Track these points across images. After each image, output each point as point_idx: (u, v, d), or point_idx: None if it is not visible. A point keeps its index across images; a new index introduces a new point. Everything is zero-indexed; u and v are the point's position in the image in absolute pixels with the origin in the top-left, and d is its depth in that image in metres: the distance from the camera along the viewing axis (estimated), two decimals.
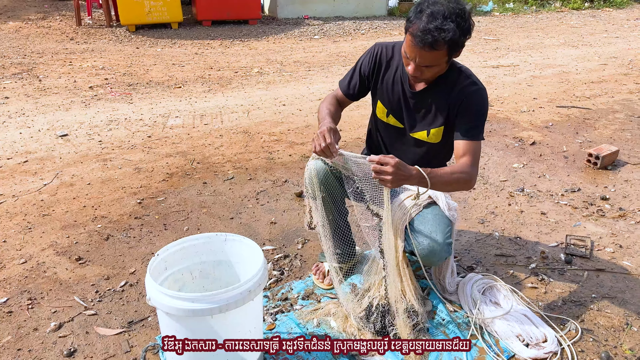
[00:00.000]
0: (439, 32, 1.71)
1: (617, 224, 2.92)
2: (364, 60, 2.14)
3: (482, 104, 1.98)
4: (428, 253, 1.96)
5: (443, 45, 1.75)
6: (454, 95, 1.97)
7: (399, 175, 1.72)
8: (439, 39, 1.72)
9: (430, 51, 1.76)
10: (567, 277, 2.43)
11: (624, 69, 6.89)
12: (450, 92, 1.98)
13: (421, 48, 1.76)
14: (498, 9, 13.05)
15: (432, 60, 1.81)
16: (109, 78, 6.22)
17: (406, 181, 1.77)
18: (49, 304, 2.22)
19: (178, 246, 1.85)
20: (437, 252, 1.96)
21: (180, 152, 3.94)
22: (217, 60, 7.41)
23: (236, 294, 1.57)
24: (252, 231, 2.84)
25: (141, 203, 3.13)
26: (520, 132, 4.42)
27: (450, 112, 2.00)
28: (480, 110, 1.97)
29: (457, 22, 1.74)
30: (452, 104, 1.98)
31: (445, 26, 1.71)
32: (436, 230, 1.96)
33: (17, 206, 3.07)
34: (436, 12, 1.73)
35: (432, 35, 1.72)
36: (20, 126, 4.45)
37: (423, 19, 1.74)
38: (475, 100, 1.96)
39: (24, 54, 7.29)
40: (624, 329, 2.08)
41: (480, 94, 1.97)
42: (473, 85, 1.97)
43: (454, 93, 1.97)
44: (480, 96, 1.97)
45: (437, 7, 1.74)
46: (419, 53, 1.79)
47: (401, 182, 1.76)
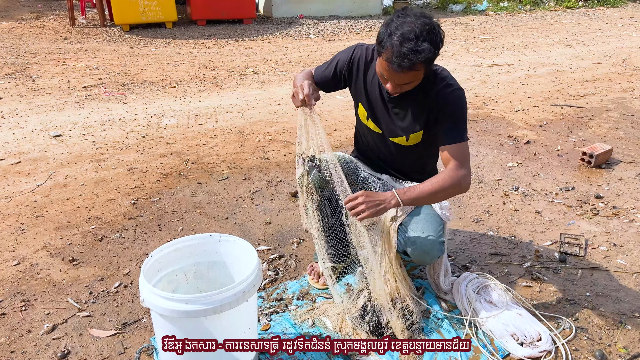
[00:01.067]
0: (414, 54, 1.66)
1: (611, 223, 2.93)
2: (342, 58, 2.09)
3: (460, 105, 1.94)
4: (420, 252, 1.97)
5: (421, 66, 1.72)
6: (431, 99, 1.94)
7: (371, 204, 1.81)
8: (416, 62, 1.68)
9: (409, 72, 1.73)
10: (561, 276, 2.44)
11: (618, 67, 6.92)
12: (428, 95, 1.94)
13: (399, 72, 1.72)
14: (492, 7, 13.07)
15: (411, 79, 1.78)
16: (103, 78, 6.20)
17: (383, 206, 1.84)
18: (42, 306, 2.20)
19: (172, 247, 1.85)
20: (430, 251, 1.96)
21: (174, 152, 3.93)
22: (211, 59, 7.39)
23: (230, 295, 1.56)
24: (247, 231, 2.83)
25: (135, 204, 3.11)
26: (515, 131, 4.43)
27: (429, 116, 1.97)
28: (458, 112, 1.94)
29: (430, 38, 1.69)
30: (429, 108, 1.96)
31: (419, 47, 1.66)
32: (428, 229, 1.96)
33: (10, 207, 3.06)
34: (407, 33, 1.67)
35: (408, 59, 1.67)
36: (14, 127, 4.42)
37: (395, 42, 1.68)
38: (452, 102, 1.92)
39: (17, 54, 7.25)
40: (618, 327, 2.09)
41: (456, 95, 1.93)
42: (448, 88, 1.93)
43: (431, 97, 1.93)
44: (456, 97, 1.93)
45: (407, 27, 1.68)
46: (396, 76, 1.75)
47: (378, 209, 1.83)
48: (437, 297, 2.24)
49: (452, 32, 9.92)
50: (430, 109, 1.95)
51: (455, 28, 10.37)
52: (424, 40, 1.67)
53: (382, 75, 1.82)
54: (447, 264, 2.27)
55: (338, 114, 4.77)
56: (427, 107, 1.96)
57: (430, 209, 2.05)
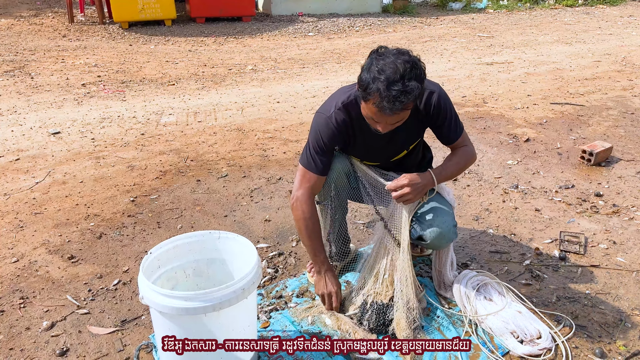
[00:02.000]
0: (405, 95, 1.63)
1: (611, 220, 2.93)
2: (325, 138, 1.96)
3: (447, 104, 1.96)
4: (437, 235, 2.02)
5: (412, 104, 1.70)
6: (421, 110, 1.95)
7: (417, 189, 1.91)
8: (407, 102, 1.65)
9: (401, 113, 1.70)
10: (561, 274, 2.44)
11: (618, 65, 6.91)
12: (416, 110, 1.93)
13: (392, 115, 1.68)
14: (492, 5, 13.06)
15: (402, 117, 1.76)
16: (102, 75, 6.18)
17: (426, 187, 1.95)
18: (41, 303, 2.20)
19: (171, 244, 1.84)
20: (445, 235, 2.02)
21: (173, 149, 3.92)
22: (210, 57, 7.38)
23: (230, 292, 1.56)
24: (246, 229, 2.83)
25: (134, 201, 3.11)
26: (515, 129, 4.43)
27: (423, 125, 2.02)
28: (448, 111, 1.97)
29: (416, 76, 1.66)
30: (419, 120, 1.98)
31: (408, 87, 1.63)
32: (443, 213, 2.03)
33: (8, 204, 3.05)
34: (392, 75, 1.62)
35: (399, 101, 1.63)
36: (12, 124, 4.41)
37: (381, 86, 1.63)
38: (442, 106, 1.95)
39: (15, 52, 7.23)
40: (618, 325, 2.09)
41: (440, 97, 1.94)
42: (432, 95, 1.92)
43: (420, 109, 1.94)
44: (439, 98, 1.93)
45: (389, 69, 1.63)
46: (388, 118, 1.72)
47: (422, 192, 1.95)
48: (437, 295, 2.23)
49: (451, 30, 9.91)
50: (420, 120, 1.98)
51: (455, 26, 10.36)
52: (410, 79, 1.64)
53: (372, 118, 1.77)
54: (453, 256, 2.28)
55: None
56: (417, 120, 1.97)
57: (438, 195, 2.09)
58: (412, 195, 1.90)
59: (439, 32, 9.63)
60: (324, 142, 1.97)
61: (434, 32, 9.72)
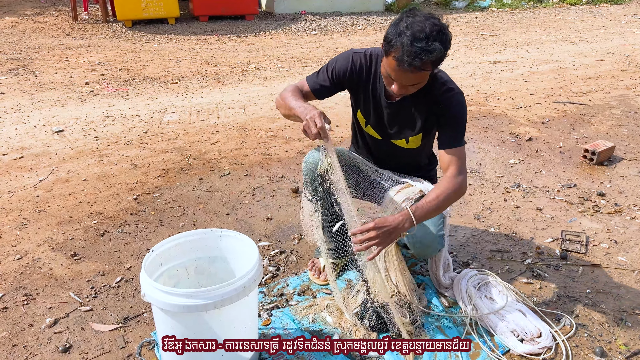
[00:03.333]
0: (425, 53, 1.64)
1: (613, 220, 2.93)
2: (339, 65, 2.01)
3: (461, 110, 1.94)
4: (420, 245, 1.98)
5: (430, 66, 1.71)
6: (431, 103, 1.93)
7: (385, 234, 1.74)
8: (427, 61, 1.66)
9: (418, 72, 1.71)
10: (562, 273, 2.44)
11: (621, 64, 6.89)
12: (427, 99, 1.93)
13: (408, 71, 1.70)
14: (495, 4, 13.03)
15: (419, 79, 1.77)
16: (105, 74, 6.20)
17: (394, 234, 1.77)
18: (44, 300, 2.21)
19: (173, 242, 1.85)
20: (430, 244, 1.98)
21: (176, 148, 3.93)
22: (213, 55, 7.39)
23: (231, 289, 1.57)
24: (248, 227, 2.84)
25: (137, 199, 3.12)
26: (517, 128, 4.42)
27: (428, 119, 1.98)
28: (460, 117, 1.94)
29: (441, 39, 1.67)
30: (429, 112, 1.95)
31: (430, 47, 1.64)
32: (428, 223, 1.97)
33: (12, 202, 3.07)
34: (418, 33, 1.65)
35: (419, 58, 1.64)
36: (16, 122, 4.43)
37: (405, 41, 1.65)
38: (454, 107, 1.92)
39: (19, 50, 7.25)
40: (619, 324, 2.09)
41: (458, 99, 1.92)
42: (449, 92, 1.92)
43: (431, 100, 1.93)
44: (458, 102, 1.92)
45: (417, 27, 1.66)
46: (405, 75, 1.73)
47: (392, 236, 1.77)
48: (438, 293, 2.24)
49: (454, 28, 9.89)
50: (429, 112, 1.95)
51: (458, 25, 10.34)
52: (434, 40, 1.65)
53: (389, 75, 1.78)
54: (448, 259, 2.28)
55: (340, 110, 4.77)
56: (427, 110, 1.95)
57: None
58: (380, 240, 1.74)
59: None
60: (336, 66, 2.00)
61: None
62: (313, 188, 2.10)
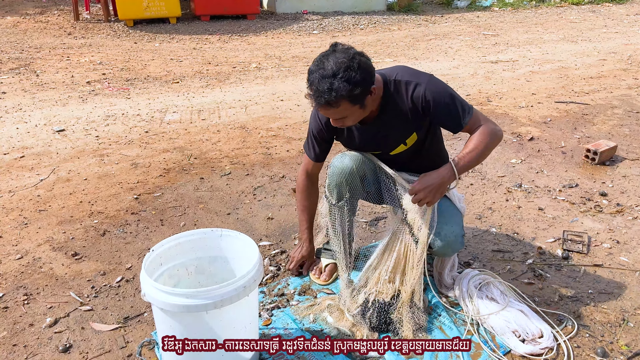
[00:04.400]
0: (329, 92, 1.70)
1: (615, 220, 2.92)
2: (314, 128, 2.13)
3: (439, 94, 1.89)
4: (444, 244, 2.00)
5: (340, 102, 1.73)
6: (407, 107, 1.93)
7: (432, 190, 1.86)
8: (332, 99, 1.71)
9: (333, 108, 1.76)
10: (564, 273, 2.43)
11: (623, 64, 6.87)
12: (402, 105, 1.93)
13: (323, 108, 1.77)
14: (497, 3, 13.00)
15: (340, 114, 1.80)
16: (107, 73, 6.20)
17: (442, 188, 1.88)
18: (44, 300, 2.21)
19: (173, 242, 1.85)
20: (453, 244, 2.01)
21: (177, 147, 3.93)
22: (215, 55, 7.39)
23: (231, 289, 1.56)
24: (249, 227, 2.83)
25: (138, 198, 3.12)
26: (519, 128, 4.41)
27: (414, 118, 1.95)
28: (443, 99, 1.89)
29: (347, 76, 1.70)
30: (411, 113, 1.94)
31: (334, 85, 1.70)
32: (452, 222, 2.01)
33: (13, 201, 3.07)
34: (324, 72, 1.72)
35: (324, 97, 1.71)
36: (17, 121, 4.43)
37: (314, 81, 1.74)
38: (431, 98, 1.88)
39: (21, 49, 7.26)
40: (621, 325, 2.08)
41: (425, 90, 1.88)
42: (418, 87, 1.89)
43: (406, 104, 1.92)
44: (430, 91, 1.88)
45: (325, 65, 1.73)
46: (326, 111, 1.80)
47: (440, 190, 1.88)
48: (439, 293, 2.23)
49: (456, 28, 9.88)
50: (411, 112, 1.94)
51: (460, 24, 10.33)
52: (340, 79, 1.70)
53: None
54: (455, 258, 2.28)
55: None
56: (408, 113, 1.94)
57: (450, 202, 2.09)
58: (430, 198, 1.87)
59: (443, 30, 9.60)
60: (313, 130, 2.15)
61: (439, 30, 9.69)
62: (339, 193, 2.11)
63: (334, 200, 2.13)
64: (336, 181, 2.09)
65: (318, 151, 2.19)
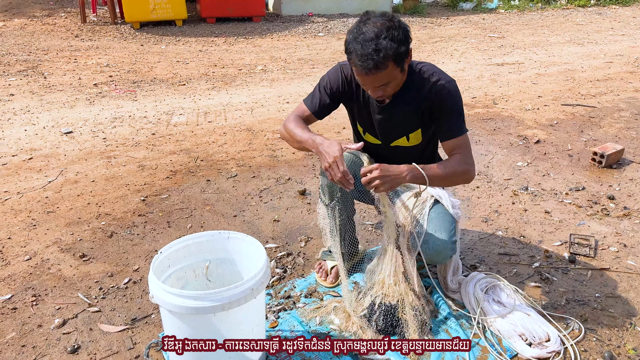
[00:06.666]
0: (377, 53, 1.69)
1: (622, 223, 2.91)
2: (332, 80, 2.07)
3: (454, 98, 1.93)
4: (433, 252, 1.97)
5: (386, 63, 1.72)
6: (423, 97, 1.94)
7: (387, 177, 1.77)
8: (379, 60, 1.69)
9: (378, 73, 1.74)
10: (571, 276, 2.43)
11: (630, 67, 6.85)
12: (418, 95, 1.94)
13: (368, 73, 1.74)
14: (503, 6, 12.98)
15: (385, 79, 1.78)
16: (114, 75, 6.24)
17: (399, 179, 1.80)
18: (53, 301, 2.23)
19: (181, 244, 1.86)
20: (442, 251, 1.97)
21: (184, 149, 3.95)
22: (221, 57, 7.42)
23: (239, 292, 1.57)
24: (255, 229, 2.84)
25: (145, 200, 3.14)
26: (525, 130, 4.40)
27: (424, 114, 1.98)
28: (454, 105, 1.93)
29: (391, 35, 1.71)
30: (423, 106, 1.95)
31: (380, 46, 1.68)
32: (441, 229, 1.97)
33: (21, 203, 3.09)
34: (367, 35, 1.70)
35: (372, 59, 1.69)
36: (25, 123, 4.46)
37: (356, 46, 1.72)
38: (446, 96, 1.92)
39: (29, 51, 7.31)
40: (628, 329, 2.08)
41: (449, 88, 1.92)
42: (439, 82, 1.93)
43: (422, 95, 1.93)
44: (449, 90, 1.92)
45: (367, 29, 1.72)
46: (368, 78, 1.77)
47: (394, 182, 1.80)
48: (445, 297, 2.23)
49: (462, 30, 9.87)
50: (424, 106, 1.95)
51: (465, 26, 10.32)
52: (384, 38, 1.70)
53: (359, 82, 1.85)
54: (458, 262, 2.27)
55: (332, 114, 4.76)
56: (420, 105, 1.96)
57: (442, 208, 2.05)
58: (379, 182, 1.76)
59: (449, 33, 9.60)
60: (329, 82, 2.06)
61: (445, 32, 9.69)
62: (331, 193, 2.11)
63: (327, 200, 2.13)
64: (327, 181, 2.09)
65: (321, 104, 2.08)
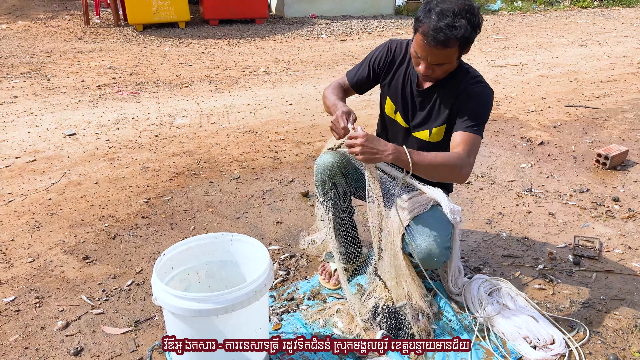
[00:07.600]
0: (450, 29, 1.71)
1: (626, 225, 2.89)
2: (377, 54, 2.14)
3: (485, 101, 1.96)
4: (425, 256, 1.92)
5: (455, 43, 1.75)
6: (459, 93, 1.96)
7: (368, 149, 1.76)
8: (451, 37, 1.72)
9: (443, 49, 1.75)
10: (575, 279, 2.41)
11: (634, 68, 6.83)
12: (456, 91, 1.97)
13: (433, 47, 1.75)
14: (506, 7, 12.98)
15: (444, 58, 1.81)
16: (117, 77, 6.25)
17: (380, 156, 1.77)
18: (56, 303, 2.23)
19: (184, 246, 1.86)
20: (435, 256, 1.92)
21: (187, 151, 3.95)
22: (224, 59, 7.42)
23: (242, 294, 1.57)
24: (259, 231, 2.84)
25: (148, 202, 3.14)
26: (529, 132, 4.39)
27: (453, 111, 1.99)
28: (480, 108, 1.95)
29: (468, 18, 1.73)
30: (456, 102, 1.97)
31: (456, 23, 1.71)
32: (435, 234, 1.92)
33: (25, 205, 3.09)
34: (446, 10, 1.72)
35: (444, 33, 1.71)
36: (29, 125, 4.47)
37: (433, 17, 1.72)
38: (478, 96, 1.94)
39: (32, 53, 7.33)
40: (633, 331, 2.06)
41: (484, 92, 1.96)
42: (478, 84, 1.97)
43: (460, 92, 1.96)
44: (484, 93, 1.96)
45: (446, 5, 1.73)
46: (430, 52, 1.78)
47: (374, 157, 1.77)
48: (449, 299, 2.22)
49: None
50: (456, 103, 1.97)
51: None
52: (461, 18, 1.72)
53: (416, 53, 1.85)
54: (459, 266, 2.25)
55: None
56: (454, 100, 1.97)
57: (440, 212, 2.00)
58: (358, 149, 1.75)
59: None
60: (375, 55, 2.14)
61: None
62: (324, 190, 2.10)
63: (321, 199, 2.13)
64: (320, 179, 2.09)
65: (360, 76, 2.15)
